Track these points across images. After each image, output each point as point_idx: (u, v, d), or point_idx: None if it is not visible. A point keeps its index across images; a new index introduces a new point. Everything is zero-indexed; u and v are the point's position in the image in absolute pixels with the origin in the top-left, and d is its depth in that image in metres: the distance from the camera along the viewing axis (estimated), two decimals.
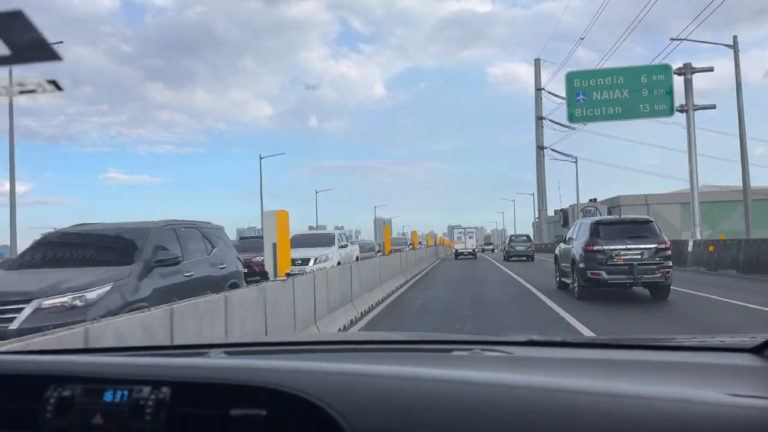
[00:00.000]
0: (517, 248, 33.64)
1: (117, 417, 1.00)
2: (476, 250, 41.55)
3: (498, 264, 28.98)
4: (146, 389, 1.01)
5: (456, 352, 1.46)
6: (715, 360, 1.31)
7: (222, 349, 1.44)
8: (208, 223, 8.36)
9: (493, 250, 67.22)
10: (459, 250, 39.73)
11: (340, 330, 8.28)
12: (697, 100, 24.37)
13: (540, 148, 54.86)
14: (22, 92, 0.88)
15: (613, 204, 46.31)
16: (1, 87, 0.87)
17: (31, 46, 0.82)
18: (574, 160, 48.46)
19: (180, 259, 6.64)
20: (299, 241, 16.44)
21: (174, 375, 1.04)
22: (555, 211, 55.37)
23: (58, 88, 0.89)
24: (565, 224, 39.11)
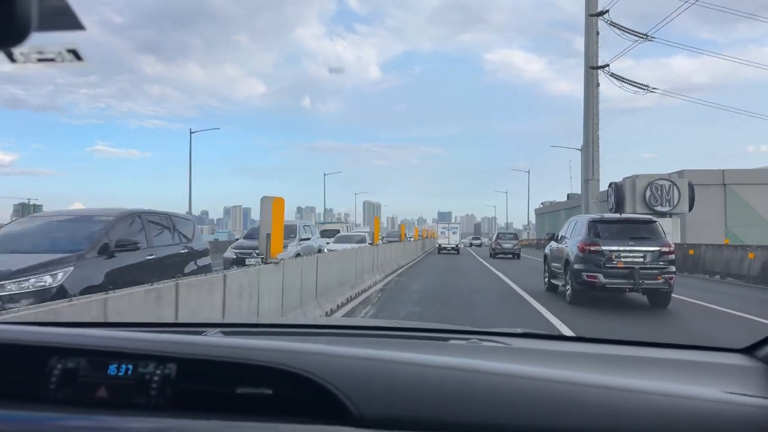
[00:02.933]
0: (504, 245, 33.56)
1: (121, 391, 0.99)
2: (459, 245, 41.38)
3: (485, 262, 27.88)
4: (152, 364, 1.00)
5: (453, 341, 1.48)
6: (707, 359, 1.33)
7: (219, 329, 1.45)
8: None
9: (480, 245, 65.39)
10: (442, 245, 39.55)
11: None
12: None
13: (593, 68, 30.28)
14: (40, 60, 0.84)
15: None
16: (20, 53, 0.81)
17: (55, 13, 0.79)
18: (647, 89, 29.73)
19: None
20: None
21: (180, 351, 1.02)
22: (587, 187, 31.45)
23: (78, 58, 0.86)
24: (619, 206, 28.95)
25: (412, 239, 36.98)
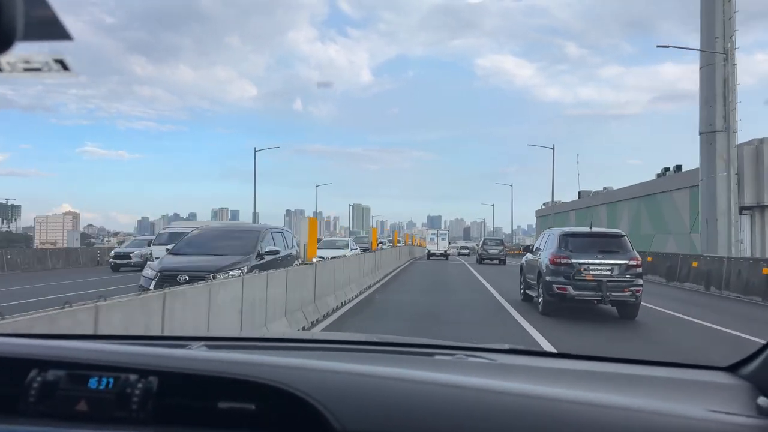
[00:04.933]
0: (491, 251, 34.47)
1: (102, 405, 0.97)
2: (448, 251, 42.86)
3: (472, 270, 28.32)
4: (133, 378, 0.99)
5: (439, 357, 1.47)
6: (691, 376, 1.33)
7: (204, 342, 1.43)
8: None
9: (469, 254, 65.44)
10: (431, 251, 41.22)
11: None
12: None
13: None
14: (27, 70, 0.84)
15: None
16: (6, 63, 0.82)
17: (42, 23, 0.78)
18: None
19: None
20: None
21: (162, 365, 1.01)
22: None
23: (65, 68, 0.86)
24: None
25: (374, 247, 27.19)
